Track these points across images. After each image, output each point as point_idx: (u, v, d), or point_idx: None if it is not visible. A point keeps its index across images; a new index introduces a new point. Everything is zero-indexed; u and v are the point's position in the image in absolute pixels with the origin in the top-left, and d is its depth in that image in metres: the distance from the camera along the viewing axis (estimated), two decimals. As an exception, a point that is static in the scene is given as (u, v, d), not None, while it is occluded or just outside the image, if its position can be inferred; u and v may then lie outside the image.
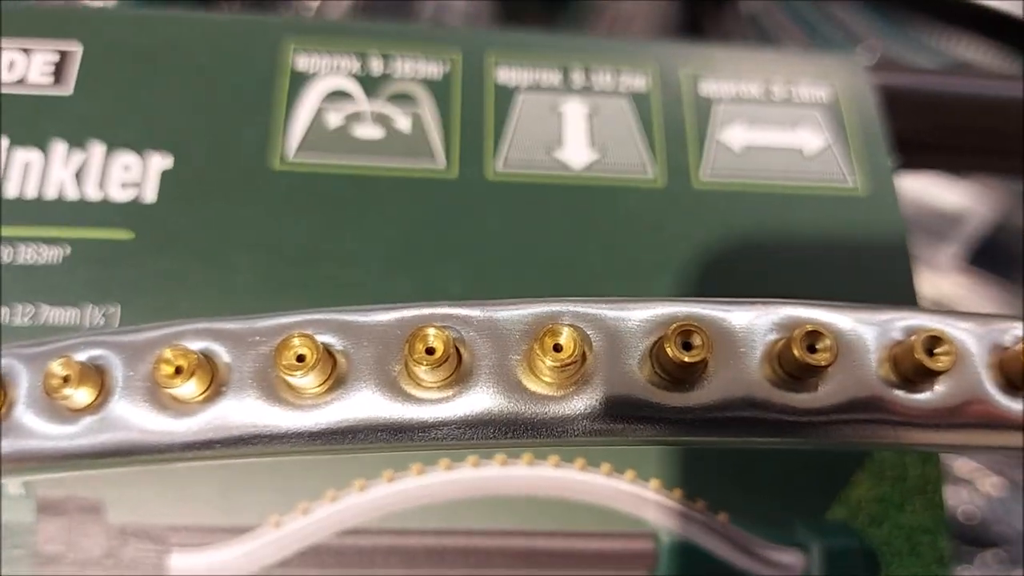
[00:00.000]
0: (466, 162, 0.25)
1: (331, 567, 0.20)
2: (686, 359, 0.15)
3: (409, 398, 0.15)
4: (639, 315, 0.16)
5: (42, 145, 0.24)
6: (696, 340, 0.15)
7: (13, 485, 0.20)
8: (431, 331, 0.15)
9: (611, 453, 0.21)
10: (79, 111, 0.25)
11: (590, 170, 0.25)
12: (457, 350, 0.16)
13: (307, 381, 0.15)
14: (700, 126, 0.26)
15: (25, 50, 0.25)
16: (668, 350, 0.15)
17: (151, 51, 0.26)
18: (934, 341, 0.16)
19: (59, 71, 0.25)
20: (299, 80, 0.26)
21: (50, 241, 0.23)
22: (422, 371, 0.15)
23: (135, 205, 0.24)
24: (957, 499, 0.46)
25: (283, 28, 0.27)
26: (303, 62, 0.26)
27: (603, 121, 0.26)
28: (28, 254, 0.23)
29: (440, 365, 0.15)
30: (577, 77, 0.27)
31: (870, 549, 0.21)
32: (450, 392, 0.15)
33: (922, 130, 0.29)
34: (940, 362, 0.15)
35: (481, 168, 0.25)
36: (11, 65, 0.25)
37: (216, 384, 0.16)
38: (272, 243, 0.24)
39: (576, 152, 0.26)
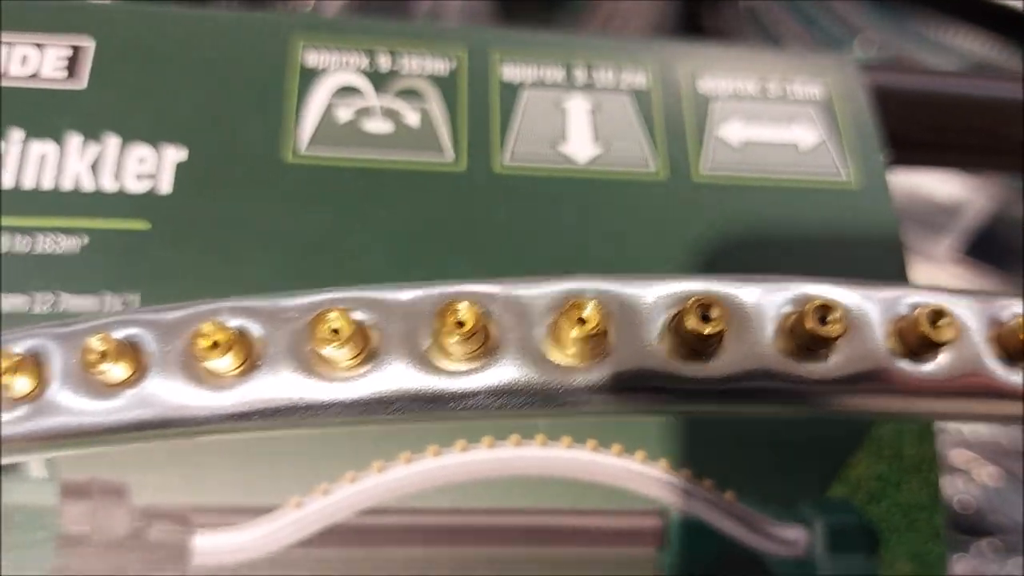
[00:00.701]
0: (474, 156, 0.26)
1: (352, 546, 0.21)
2: (705, 331, 0.16)
3: (439, 370, 0.16)
4: (658, 291, 0.17)
5: (57, 137, 0.24)
6: (714, 312, 0.16)
7: (36, 468, 0.21)
8: (461, 305, 0.16)
9: (622, 434, 0.22)
10: (93, 104, 0.25)
11: (594, 164, 0.26)
12: (484, 324, 0.16)
13: (342, 354, 0.16)
14: (699, 122, 0.27)
15: (38, 45, 0.26)
16: (688, 322, 0.16)
17: (162, 46, 0.26)
18: (937, 315, 0.16)
19: (72, 65, 0.26)
20: (309, 76, 0.26)
21: (68, 231, 0.23)
22: (452, 344, 0.16)
23: (151, 196, 0.24)
24: (953, 488, 0.47)
25: (291, 25, 0.27)
26: (312, 58, 0.27)
27: (606, 117, 0.27)
28: (47, 244, 0.23)
29: (470, 338, 0.16)
30: (580, 74, 0.28)
31: (870, 525, 0.22)
32: (478, 364, 0.16)
33: (910, 127, 0.30)
34: (944, 334, 0.16)
35: (488, 161, 0.26)
36: (24, 59, 0.25)
37: (252, 358, 0.16)
38: (285, 234, 0.24)
39: (580, 146, 0.26)
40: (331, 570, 0.20)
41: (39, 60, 0.26)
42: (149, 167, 0.24)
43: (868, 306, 0.17)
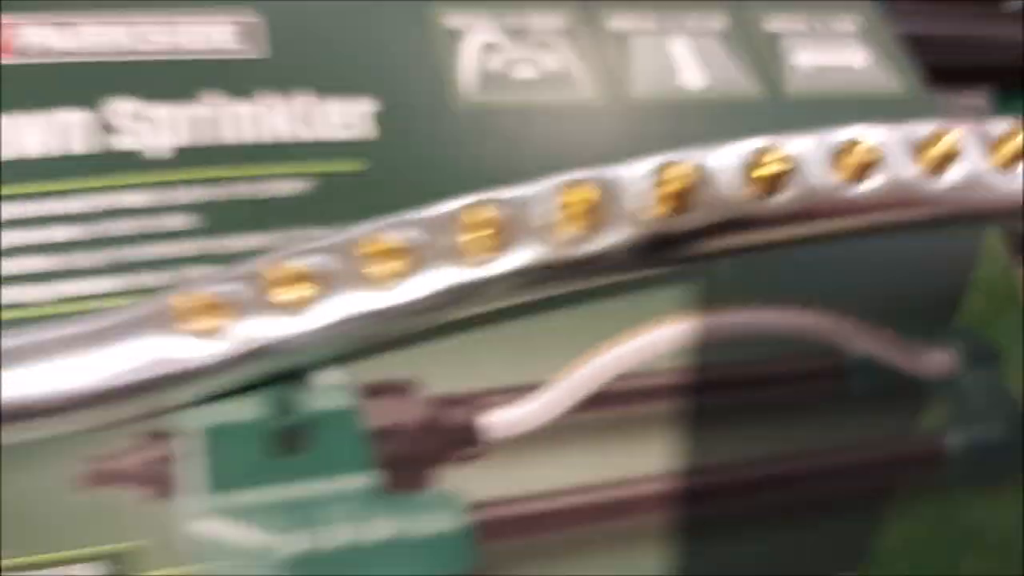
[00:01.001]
0: (611, 92, 0.30)
1: (613, 407, 0.24)
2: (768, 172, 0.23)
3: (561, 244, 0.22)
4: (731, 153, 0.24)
5: (249, 97, 0.26)
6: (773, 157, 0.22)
7: (327, 376, 0.23)
8: (570, 190, 0.21)
9: (794, 291, 0.27)
10: (276, 68, 0.27)
11: (706, 92, 0.31)
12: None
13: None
14: (774, 55, 0.32)
15: (205, 23, 0.28)
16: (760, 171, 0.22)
17: (320, 19, 0.29)
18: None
19: (246, 37, 0.28)
20: (455, 36, 0.30)
21: (285, 176, 0.25)
22: (567, 218, 0.21)
23: (355, 143, 0.26)
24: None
25: None
26: (452, 22, 0.30)
27: (703, 54, 0.32)
28: (270, 188, 0.25)
29: (585, 214, 0.21)
30: (671, 24, 0.32)
31: (993, 345, 0.28)
32: (593, 233, 0.22)
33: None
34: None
35: (624, 95, 0.30)
36: (196, 35, 0.27)
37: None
38: (470, 169, 0.27)
39: (691, 78, 0.31)
40: (599, 428, 0.24)
41: (208, 35, 0.27)
42: (347, 118, 0.27)
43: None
